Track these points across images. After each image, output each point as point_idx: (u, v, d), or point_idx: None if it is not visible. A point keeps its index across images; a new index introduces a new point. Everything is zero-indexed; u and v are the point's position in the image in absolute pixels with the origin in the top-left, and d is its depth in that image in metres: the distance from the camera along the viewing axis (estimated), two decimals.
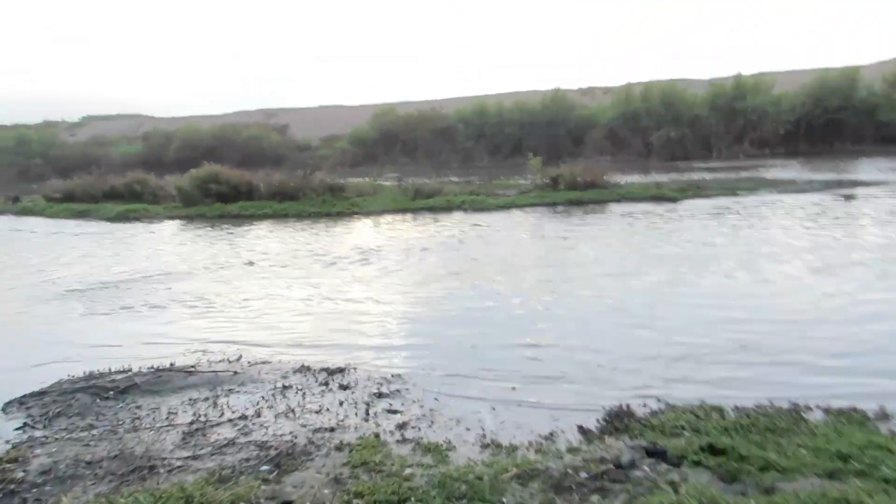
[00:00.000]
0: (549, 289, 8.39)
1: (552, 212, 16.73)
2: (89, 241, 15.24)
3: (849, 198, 16.66)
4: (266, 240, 13.93)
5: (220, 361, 5.88)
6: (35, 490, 3.54)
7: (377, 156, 45.79)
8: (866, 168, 26.27)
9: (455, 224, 15.19)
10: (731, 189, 19.39)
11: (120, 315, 7.90)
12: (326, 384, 5.25)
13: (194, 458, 3.87)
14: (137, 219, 18.79)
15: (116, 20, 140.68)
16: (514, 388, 5.14)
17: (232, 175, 19.85)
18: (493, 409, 4.74)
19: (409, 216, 17.38)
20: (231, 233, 15.36)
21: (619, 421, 4.37)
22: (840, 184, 19.88)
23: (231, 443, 4.08)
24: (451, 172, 33.89)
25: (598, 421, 4.36)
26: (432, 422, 4.50)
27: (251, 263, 11.03)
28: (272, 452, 3.90)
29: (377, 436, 4.21)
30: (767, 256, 9.74)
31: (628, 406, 4.64)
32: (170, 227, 17.02)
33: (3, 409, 4.86)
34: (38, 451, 4.01)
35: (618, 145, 40.96)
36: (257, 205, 18.66)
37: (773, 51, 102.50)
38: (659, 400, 4.75)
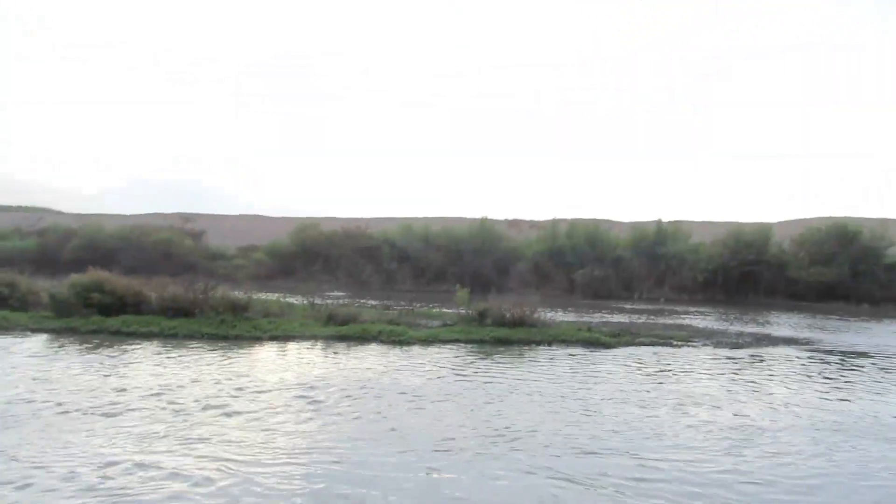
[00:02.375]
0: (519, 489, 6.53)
1: (481, 351, 15.12)
2: None
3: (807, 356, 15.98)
4: (140, 372, 11.54)
5: None
6: None
7: (295, 270, 43.75)
8: (781, 321, 26.47)
9: (372, 361, 13.27)
10: (663, 337, 18.51)
11: None
12: None
13: None
14: None
15: (32, 102, 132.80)
16: None
17: (119, 284, 17.36)
18: None
19: (318, 344, 15.37)
20: (101, 356, 12.85)
21: None
22: (770, 339, 19.41)
23: None
24: (372, 294, 32.21)
25: None
26: None
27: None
28: None
29: None
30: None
31: None
32: (30, 344, 14.26)
33: None
34: None
35: (543, 279, 40.71)
36: (143, 320, 16.16)
37: (689, 202, 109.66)
38: None
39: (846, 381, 12.74)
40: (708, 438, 8.09)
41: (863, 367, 14.84)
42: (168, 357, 12.78)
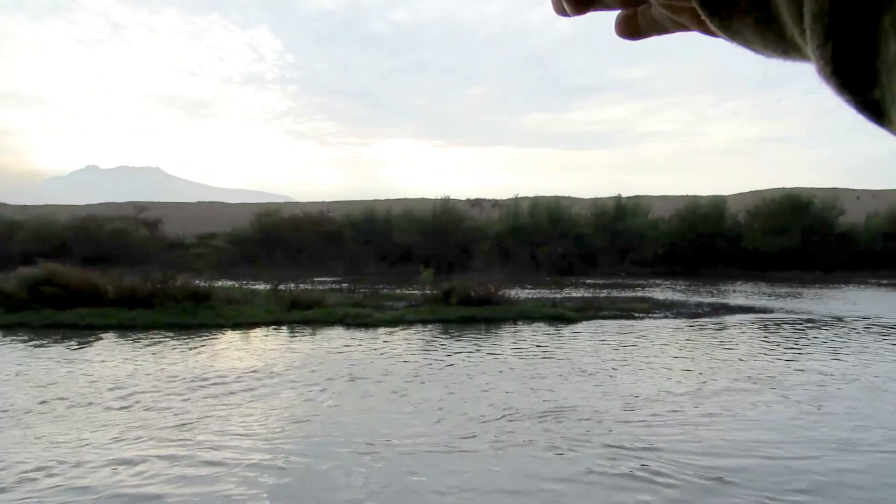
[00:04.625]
0: None
1: (448, 332, 15.12)
2: None
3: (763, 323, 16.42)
4: (107, 363, 11.23)
5: None
6: None
7: (258, 256, 43.03)
8: (738, 290, 27.20)
9: (336, 345, 13.16)
10: (625, 310, 18.80)
11: None
12: None
13: None
14: None
15: None
16: None
17: (72, 276, 16.81)
18: None
19: (283, 330, 15.17)
20: (63, 349, 12.46)
21: None
22: (728, 308, 19.90)
23: None
24: (337, 278, 31.94)
25: None
26: None
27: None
28: None
29: None
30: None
31: None
32: None
33: None
34: None
35: (506, 257, 40.90)
36: (99, 312, 15.69)
37: (647, 177, 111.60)
38: None
39: (806, 346, 13.15)
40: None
41: (822, 332, 15.35)
42: (124, 347, 12.45)
